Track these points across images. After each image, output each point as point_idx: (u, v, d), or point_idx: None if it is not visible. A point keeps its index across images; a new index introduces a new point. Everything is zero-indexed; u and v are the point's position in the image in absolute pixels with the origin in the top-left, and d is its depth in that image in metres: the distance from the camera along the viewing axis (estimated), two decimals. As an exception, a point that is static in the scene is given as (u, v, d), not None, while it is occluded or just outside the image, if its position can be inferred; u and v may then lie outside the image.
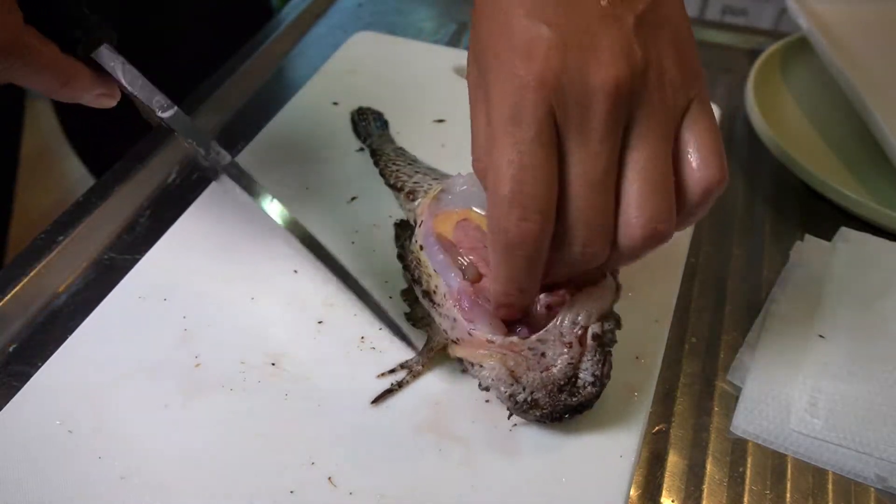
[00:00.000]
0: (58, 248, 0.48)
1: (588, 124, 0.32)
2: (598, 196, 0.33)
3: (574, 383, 0.37)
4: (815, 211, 0.55)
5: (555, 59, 0.32)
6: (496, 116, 0.33)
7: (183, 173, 0.55)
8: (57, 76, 0.37)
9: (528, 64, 0.32)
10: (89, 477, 0.36)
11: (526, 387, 0.37)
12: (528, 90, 0.32)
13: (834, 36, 0.64)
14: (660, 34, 0.34)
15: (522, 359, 0.37)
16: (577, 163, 0.33)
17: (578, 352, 0.37)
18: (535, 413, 0.37)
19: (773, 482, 0.39)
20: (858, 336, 0.45)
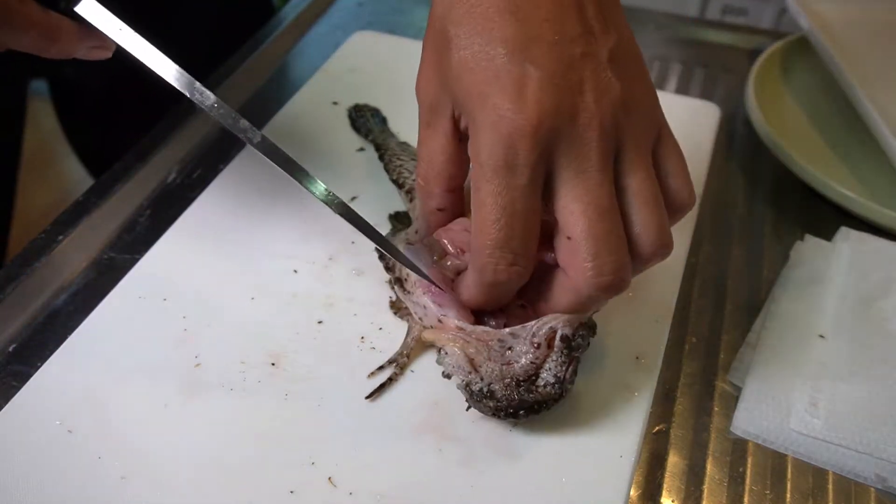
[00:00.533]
0: (58, 247, 0.48)
1: (586, 159, 0.33)
2: (611, 221, 0.34)
3: (533, 381, 0.36)
4: (815, 211, 0.55)
5: (547, 102, 0.33)
6: (487, 159, 0.33)
7: (183, 173, 0.55)
8: (44, 34, 0.36)
9: (521, 107, 0.33)
10: (89, 477, 0.36)
11: (484, 377, 0.37)
12: (522, 136, 0.33)
13: (834, 36, 0.64)
14: (628, 66, 0.36)
15: (485, 348, 0.37)
16: (584, 194, 0.34)
17: (545, 353, 0.37)
18: (490, 404, 0.36)
19: (773, 482, 0.39)
20: (859, 336, 0.45)
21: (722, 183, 0.57)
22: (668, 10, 0.77)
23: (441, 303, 0.39)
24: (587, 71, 0.34)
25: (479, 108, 0.34)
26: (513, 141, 0.33)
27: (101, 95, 0.76)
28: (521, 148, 0.33)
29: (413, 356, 0.41)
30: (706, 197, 0.55)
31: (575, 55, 0.34)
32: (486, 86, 0.33)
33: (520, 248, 0.34)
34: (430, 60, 0.37)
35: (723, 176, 0.58)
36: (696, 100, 0.63)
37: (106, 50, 0.39)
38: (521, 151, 0.33)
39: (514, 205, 0.33)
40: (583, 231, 0.34)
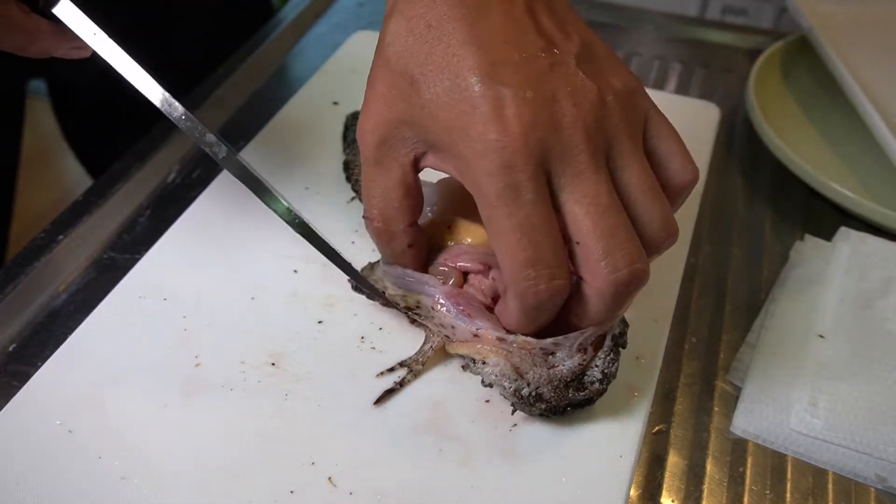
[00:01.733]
0: (58, 247, 0.48)
1: (577, 162, 0.34)
2: (615, 216, 0.34)
3: (581, 379, 0.37)
4: (815, 211, 0.55)
5: (527, 116, 0.33)
6: (489, 187, 0.33)
7: (183, 172, 0.55)
8: (24, 34, 0.38)
9: (503, 128, 0.33)
10: (89, 477, 0.36)
11: (531, 382, 0.37)
12: (514, 154, 0.33)
13: (834, 36, 0.64)
14: (598, 63, 0.36)
15: (529, 356, 0.37)
16: (582, 197, 0.34)
17: (591, 355, 0.37)
18: (541, 406, 0.37)
19: (773, 482, 0.39)
20: (858, 336, 0.45)
21: (722, 183, 0.57)
22: (668, 10, 0.77)
23: (472, 316, 0.39)
24: (558, 80, 0.34)
25: (463, 141, 0.34)
26: (506, 162, 0.33)
27: (99, 96, 0.76)
28: (517, 165, 0.33)
29: (428, 366, 0.41)
30: (706, 197, 0.55)
31: (543, 68, 0.34)
32: (465, 117, 0.33)
33: (552, 260, 0.34)
34: (382, 100, 0.37)
35: (723, 176, 0.58)
36: (696, 100, 0.63)
37: (84, 50, 0.40)
38: (517, 169, 0.33)
39: (531, 220, 0.33)
40: (588, 232, 0.34)
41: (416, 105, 0.35)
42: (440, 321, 0.40)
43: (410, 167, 0.37)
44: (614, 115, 0.35)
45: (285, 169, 0.53)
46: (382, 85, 0.37)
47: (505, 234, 0.33)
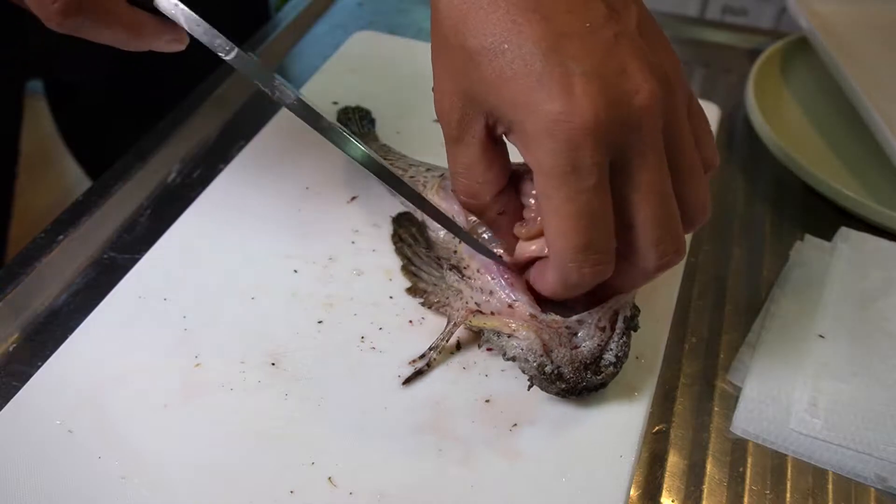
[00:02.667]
0: (58, 247, 0.48)
1: (643, 144, 0.33)
2: (672, 206, 0.34)
3: (598, 362, 0.38)
4: (815, 211, 0.55)
5: (598, 96, 0.31)
6: (552, 168, 0.32)
7: (183, 172, 0.55)
8: (127, 29, 0.38)
9: (574, 108, 0.31)
10: (89, 477, 0.36)
11: (554, 360, 0.38)
12: (584, 137, 0.31)
13: (834, 36, 0.64)
14: (652, 39, 0.34)
15: (556, 335, 0.38)
16: (645, 181, 0.33)
17: (608, 335, 0.38)
18: (560, 386, 0.38)
19: (773, 482, 0.39)
20: (858, 336, 0.45)
21: (722, 183, 0.57)
22: (668, 10, 0.77)
23: (515, 287, 0.40)
24: (625, 51, 0.32)
25: (530, 117, 0.32)
26: (574, 144, 0.31)
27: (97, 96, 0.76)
28: (585, 149, 0.31)
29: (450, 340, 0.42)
30: (706, 197, 0.55)
31: (609, 39, 0.32)
32: (531, 93, 0.32)
33: (604, 247, 0.34)
34: (448, 76, 0.35)
35: (723, 176, 0.58)
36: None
37: (180, 43, 0.40)
38: (584, 153, 0.31)
39: (590, 206, 0.32)
40: (645, 219, 0.34)
41: (479, 80, 0.34)
42: (480, 286, 0.41)
43: (488, 140, 0.36)
44: (676, 94, 0.34)
45: (285, 169, 0.53)
46: (443, 63, 0.36)
47: (561, 217, 0.33)
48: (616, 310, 0.39)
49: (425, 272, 0.45)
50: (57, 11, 0.35)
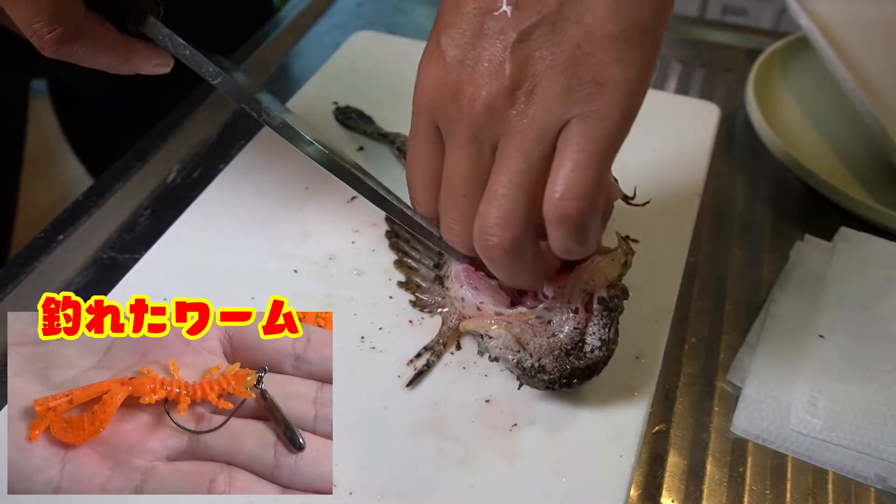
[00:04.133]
0: (58, 247, 0.48)
1: (455, 137, 0.35)
2: (454, 198, 0.37)
3: (581, 347, 0.38)
4: (815, 211, 0.55)
5: (434, 76, 0.35)
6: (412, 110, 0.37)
7: (183, 172, 0.55)
8: (118, 55, 0.39)
9: (427, 68, 0.36)
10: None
11: (533, 353, 0.38)
12: (421, 92, 0.36)
13: (834, 35, 0.64)
14: (552, 47, 0.32)
15: (528, 327, 0.38)
16: (447, 166, 0.37)
17: (584, 317, 0.38)
18: (543, 378, 0.37)
19: (773, 482, 0.39)
20: (858, 336, 0.45)
21: (722, 183, 0.57)
22: (668, 9, 0.77)
23: (479, 289, 0.41)
24: (485, 52, 0.34)
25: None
26: (416, 108, 0.37)
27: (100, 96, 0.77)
28: (419, 110, 0.36)
29: (448, 344, 0.42)
30: (706, 197, 0.55)
31: (479, 34, 0.34)
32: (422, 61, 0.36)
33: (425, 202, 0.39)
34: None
35: (723, 176, 0.58)
36: (695, 100, 0.63)
37: (167, 67, 0.42)
38: (418, 114, 0.37)
39: (416, 161, 0.38)
40: (442, 198, 0.38)
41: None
42: (455, 292, 0.42)
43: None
44: (517, 110, 0.33)
45: (285, 169, 0.53)
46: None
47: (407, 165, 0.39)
48: (589, 291, 0.38)
49: (419, 269, 0.45)
50: (52, 41, 0.36)
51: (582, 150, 0.32)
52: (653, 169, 0.53)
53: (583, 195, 0.32)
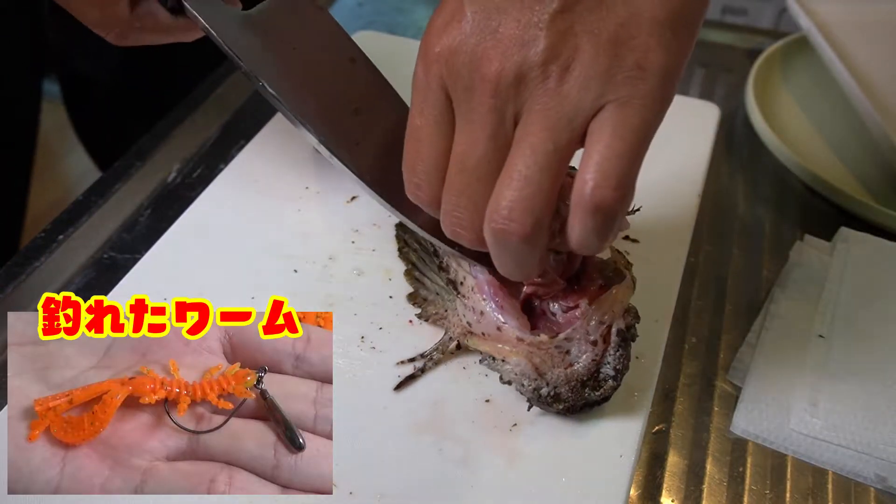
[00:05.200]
0: (58, 246, 0.48)
1: (472, 109, 0.32)
2: (466, 181, 0.33)
3: (596, 378, 0.37)
4: (815, 211, 0.55)
5: (456, 36, 0.31)
6: (412, 81, 0.34)
7: (183, 172, 0.55)
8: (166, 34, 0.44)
9: (439, 35, 0.32)
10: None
11: (549, 382, 0.37)
12: (430, 62, 0.32)
13: (834, 36, 0.64)
14: (595, 23, 0.30)
15: (548, 356, 0.38)
16: (458, 143, 0.33)
17: (602, 349, 0.37)
18: (558, 406, 0.37)
19: (773, 482, 0.39)
20: (858, 336, 0.45)
21: (722, 183, 0.57)
22: (668, 10, 0.77)
23: (504, 309, 0.39)
24: (514, 19, 0.31)
25: (423, 37, 0.33)
26: (428, 66, 0.32)
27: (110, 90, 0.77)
28: (432, 72, 0.32)
29: (446, 358, 0.41)
30: (706, 197, 0.54)
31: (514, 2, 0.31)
32: (433, 16, 0.33)
33: (422, 175, 0.34)
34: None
35: (723, 176, 0.58)
36: (695, 100, 0.63)
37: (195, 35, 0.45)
38: (431, 76, 0.32)
39: (420, 130, 0.34)
40: (447, 181, 0.33)
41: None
42: (472, 305, 0.40)
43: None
44: (546, 87, 0.31)
45: (285, 168, 0.53)
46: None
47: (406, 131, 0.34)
48: (608, 324, 0.38)
49: (428, 279, 0.44)
50: (112, 39, 0.44)
51: (621, 137, 0.30)
52: (652, 169, 0.53)
53: (619, 185, 0.30)
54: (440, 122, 0.33)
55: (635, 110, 0.30)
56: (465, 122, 0.32)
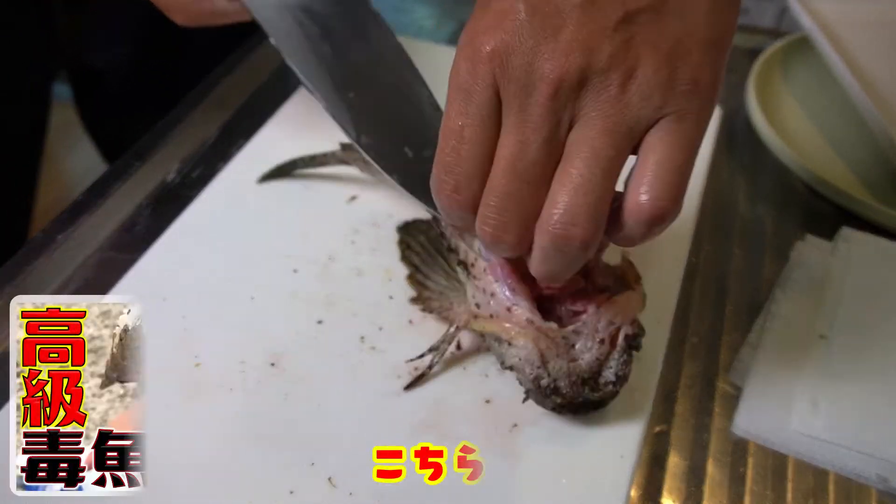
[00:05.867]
0: (57, 246, 0.48)
1: (527, 111, 0.31)
2: (516, 184, 0.32)
3: (596, 378, 0.37)
4: (815, 211, 0.55)
5: (511, 35, 0.31)
6: (451, 84, 0.32)
7: (183, 171, 0.55)
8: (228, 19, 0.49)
9: (490, 34, 0.31)
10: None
11: (551, 372, 0.37)
12: (480, 61, 0.31)
13: (835, 35, 0.64)
14: (655, 36, 0.31)
15: (553, 344, 0.37)
16: (507, 145, 0.32)
17: (606, 350, 0.37)
18: (555, 400, 0.37)
19: (774, 482, 0.39)
20: (859, 336, 0.45)
21: (722, 183, 0.57)
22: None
23: (516, 291, 0.38)
24: (576, 24, 0.30)
25: (465, 33, 0.32)
26: (475, 65, 0.31)
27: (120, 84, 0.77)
28: (480, 72, 0.31)
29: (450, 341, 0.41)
30: (706, 197, 0.54)
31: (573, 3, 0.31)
32: (476, 12, 0.32)
33: (463, 178, 0.32)
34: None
35: (723, 176, 0.58)
36: (696, 99, 0.63)
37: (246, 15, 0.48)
38: (479, 76, 0.31)
39: (464, 131, 0.32)
40: (490, 184, 0.32)
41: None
42: (483, 286, 0.39)
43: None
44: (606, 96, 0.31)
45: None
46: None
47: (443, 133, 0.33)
48: (618, 326, 0.38)
49: (432, 281, 0.44)
50: (180, 22, 0.49)
51: (680, 149, 0.31)
52: (653, 169, 0.53)
53: (677, 197, 0.31)
54: (486, 122, 0.32)
55: (690, 124, 0.31)
56: (517, 123, 0.31)
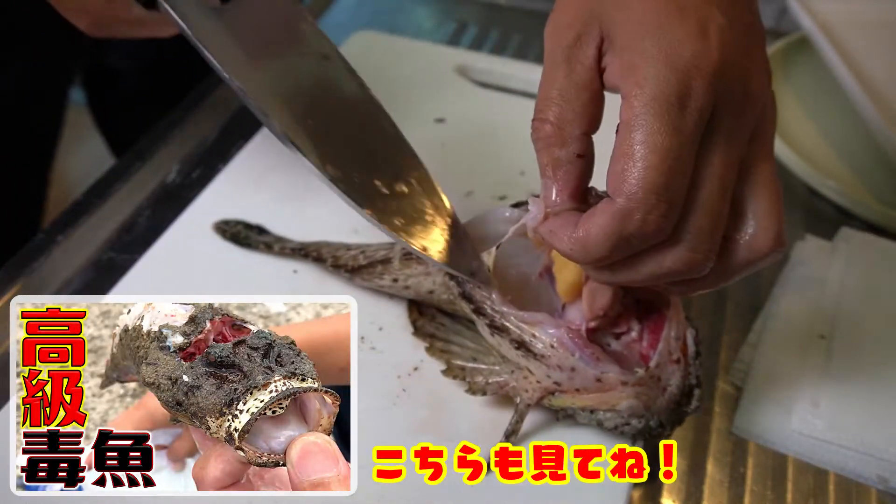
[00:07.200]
0: (57, 247, 0.48)
1: (736, 130, 0.31)
2: (724, 204, 0.31)
3: (688, 393, 0.37)
4: (815, 211, 0.55)
5: (729, 50, 0.30)
6: (657, 93, 0.29)
7: (183, 172, 0.55)
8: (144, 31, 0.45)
9: (705, 46, 0.30)
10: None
11: (655, 413, 0.37)
12: (699, 74, 0.29)
13: (835, 35, 0.64)
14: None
15: (647, 389, 0.37)
16: (718, 164, 0.31)
17: (685, 364, 0.37)
18: (663, 433, 0.37)
19: (774, 482, 0.39)
20: (860, 336, 0.45)
21: (722, 183, 0.57)
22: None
23: (600, 359, 0.36)
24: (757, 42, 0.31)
25: (653, 37, 0.30)
26: (690, 78, 0.29)
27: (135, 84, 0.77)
28: (697, 87, 0.29)
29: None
30: (707, 197, 0.54)
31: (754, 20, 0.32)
32: (666, 17, 0.30)
33: (677, 199, 0.30)
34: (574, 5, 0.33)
35: (723, 176, 0.58)
36: (696, 99, 0.63)
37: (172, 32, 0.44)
38: (695, 91, 0.29)
39: (681, 150, 0.29)
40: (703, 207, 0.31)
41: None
42: (558, 363, 0.37)
43: (596, 67, 0.33)
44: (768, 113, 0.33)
45: (285, 169, 0.53)
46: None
47: (645, 149, 0.29)
48: (682, 338, 0.37)
49: (456, 344, 0.42)
50: (85, 28, 0.44)
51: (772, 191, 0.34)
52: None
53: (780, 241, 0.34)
54: (697, 141, 0.30)
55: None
56: (727, 141, 0.31)
